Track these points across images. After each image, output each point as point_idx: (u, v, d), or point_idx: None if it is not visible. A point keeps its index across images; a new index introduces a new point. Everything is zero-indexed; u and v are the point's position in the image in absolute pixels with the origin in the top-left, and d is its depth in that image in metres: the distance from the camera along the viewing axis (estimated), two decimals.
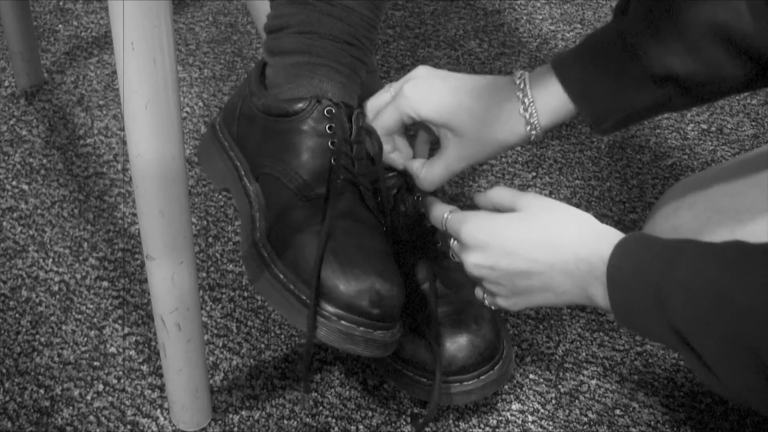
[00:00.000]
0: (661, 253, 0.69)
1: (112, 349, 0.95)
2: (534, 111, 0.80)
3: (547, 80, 0.81)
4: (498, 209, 0.82)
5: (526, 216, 0.78)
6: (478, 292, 0.84)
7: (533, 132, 0.81)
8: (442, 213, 0.83)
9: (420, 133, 0.90)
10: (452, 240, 0.83)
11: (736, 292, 0.63)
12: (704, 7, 0.73)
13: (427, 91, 0.84)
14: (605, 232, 0.74)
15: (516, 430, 0.89)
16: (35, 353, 0.94)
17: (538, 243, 0.76)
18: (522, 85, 0.81)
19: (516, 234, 0.77)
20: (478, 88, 0.83)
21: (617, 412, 0.91)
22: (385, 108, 0.87)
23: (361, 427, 0.89)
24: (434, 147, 0.87)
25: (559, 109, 0.81)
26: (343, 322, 0.78)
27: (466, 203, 1.12)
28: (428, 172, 0.87)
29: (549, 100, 0.81)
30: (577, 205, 1.12)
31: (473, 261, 0.79)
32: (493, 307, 0.82)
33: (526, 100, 0.80)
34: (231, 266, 1.04)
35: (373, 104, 0.91)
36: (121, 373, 0.93)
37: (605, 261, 0.71)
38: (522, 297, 0.78)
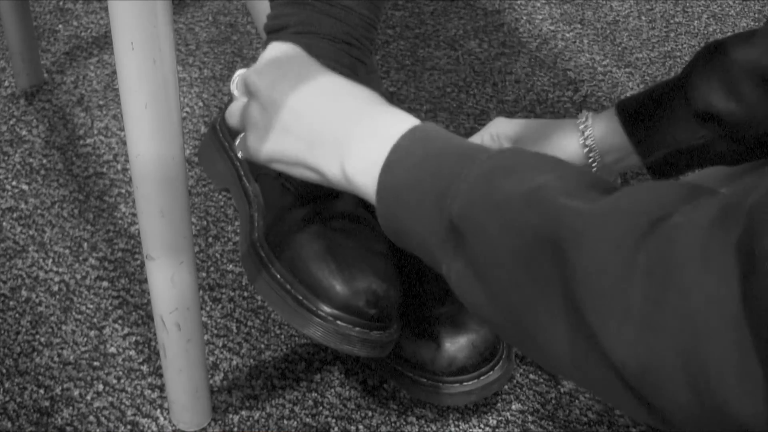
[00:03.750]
0: (462, 146, 0.60)
1: (112, 349, 0.95)
2: (590, 133, 0.87)
3: (608, 115, 0.88)
4: None
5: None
6: (238, 140, 0.74)
7: (591, 155, 0.88)
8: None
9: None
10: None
11: (550, 188, 0.52)
12: (750, 50, 0.79)
13: (507, 120, 0.94)
14: (406, 115, 0.65)
15: (516, 430, 0.89)
16: (35, 353, 0.94)
17: (346, 87, 0.68)
18: (584, 117, 0.89)
19: (326, 71, 0.70)
20: (548, 121, 0.93)
21: (617, 412, 0.91)
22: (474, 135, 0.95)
23: (361, 427, 0.89)
24: None
25: (615, 139, 0.86)
26: (339, 322, 0.78)
27: None
28: None
29: (606, 129, 0.87)
30: None
31: (259, 72, 0.70)
32: (240, 155, 0.74)
33: (583, 126, 0.88)
34: (231, 266, 1.04)
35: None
36: (121, 373, 0.93)
37: (393, 135, 0.61)
38: (276, 136, 0.68)
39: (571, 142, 0.89)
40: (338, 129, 0.65)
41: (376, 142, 0.62)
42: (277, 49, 0.73)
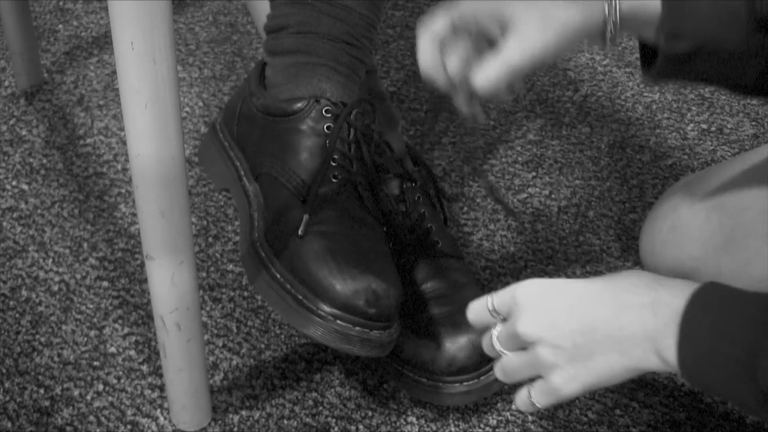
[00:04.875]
0: (751, 309, 0.62)
1: (112, 349, 0.95)
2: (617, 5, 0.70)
3: None
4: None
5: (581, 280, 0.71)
6: (523, 393, 0.72)
7: (610, 17, 0.70)
8: (485, 299, 0.75)
9: (453, 54, 0.76)
10: (495, 328, 0.74)
11: None
12: None
13: None
14: (675, 280, 0.67)
15: (516, 430, 0.89)
16: (35, 353, 0.94)
17: (605, 289, 0.68)
18: None
19: (578, 285, 0.70)
20: None
21: (617, 412, 0.91)
22: (434, 16, 0.77)
23: (361, 427, 0.89)
24: None
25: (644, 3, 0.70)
26: (339, 322, 0.78)
27: (466, 203, 1.12)
28: (483, 71, 0.72)
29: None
30: (577, 205, 1.12)
31: (530, 322, 0.69)
32: (539, 404, 0.71)
33: None
34: (231, 266, 1.04)
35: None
36: (121, 373, 0.93)
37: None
38: (583, 364, 0.68)
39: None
40: (641, 325, 0.66)
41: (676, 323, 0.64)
42: (521, 292, 0.71)
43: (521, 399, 0.72)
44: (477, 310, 0.75)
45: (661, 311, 0.65)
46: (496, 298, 0.73)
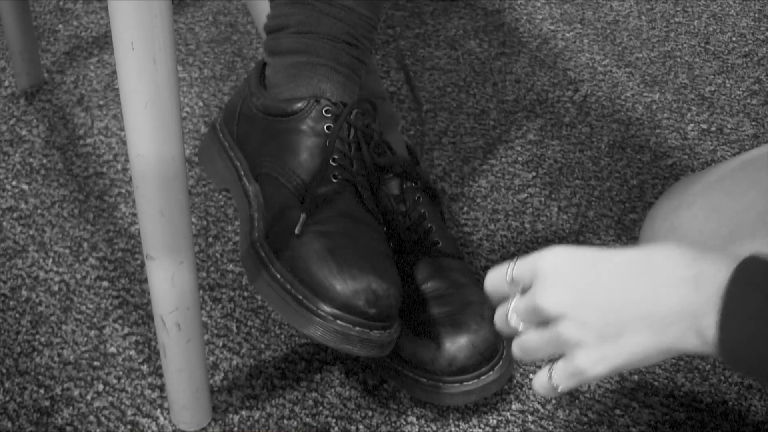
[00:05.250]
0: None
1: (112, 349, 0.95)
2: None
3: None
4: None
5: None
6: (542, 375, 0.66)
7: None
8: (505, 266, 0.68)
9: None
10: (511, 301, 0.67)
11: None
12: None
13: None
14: (717, 252, 0.61)
15: (516, 430, 0.89)
16: (35, 353, 0.94)
17: (640, 260, 0.62)
18: None
19: (609, 255, 0.63)
20: None
21: (617, 412, 0.91)
22: None
23: (361, 427, 0.89)
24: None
25: None
26: (339, 322, 0.78)
27: (466, 203, 1.12)
28: None
29: None
30: (577, 205, 1.12)
31: (552, 294, 0.63)
32: (560, 387, 0.64)
33: None
34: (231, 266, 1.04)
35: None
36: (121, 373, 0.93)
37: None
38: (613, 343, 0.61)
39: None
40: (679, 301, 0.59)
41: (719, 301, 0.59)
42: (544, 260, 0.65)
43: (540, 382, 0.66)
44: (495, 279, 0.69)
45: (704, 286, 0.59)
46: (517, 266, 0.66)
